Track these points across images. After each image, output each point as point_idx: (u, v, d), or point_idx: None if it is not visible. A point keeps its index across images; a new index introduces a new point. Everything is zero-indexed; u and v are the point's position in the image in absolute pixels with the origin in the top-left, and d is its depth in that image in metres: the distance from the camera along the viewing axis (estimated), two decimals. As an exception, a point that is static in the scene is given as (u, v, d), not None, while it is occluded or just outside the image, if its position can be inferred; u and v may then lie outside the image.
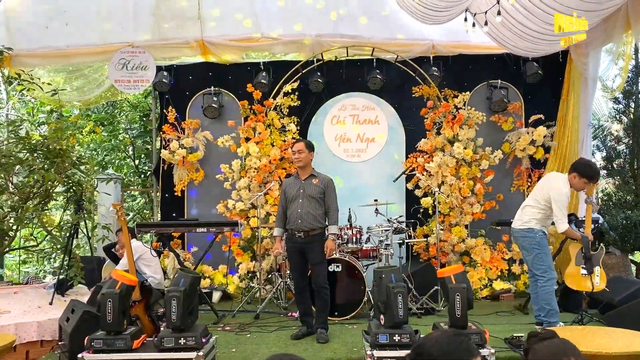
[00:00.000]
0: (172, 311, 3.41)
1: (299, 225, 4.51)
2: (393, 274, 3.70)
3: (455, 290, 3.55)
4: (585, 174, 4.45)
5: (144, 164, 9.61)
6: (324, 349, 4.16)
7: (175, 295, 3.40)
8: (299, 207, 4.55)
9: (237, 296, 6.49)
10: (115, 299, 3.50)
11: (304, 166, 4.67)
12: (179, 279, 3.49)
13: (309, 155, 4.66)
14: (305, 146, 4.65)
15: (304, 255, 4.58)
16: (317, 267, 4.53)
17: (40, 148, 5.09)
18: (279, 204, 4.84)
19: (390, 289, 3.59)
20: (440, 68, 7.04)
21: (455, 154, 6.41)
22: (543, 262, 4.50)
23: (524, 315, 5.41)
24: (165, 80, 7.10)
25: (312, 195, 4.56)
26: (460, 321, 3.54)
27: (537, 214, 4.57)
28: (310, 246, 4.52)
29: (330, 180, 4.69)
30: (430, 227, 6.57)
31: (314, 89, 7.07)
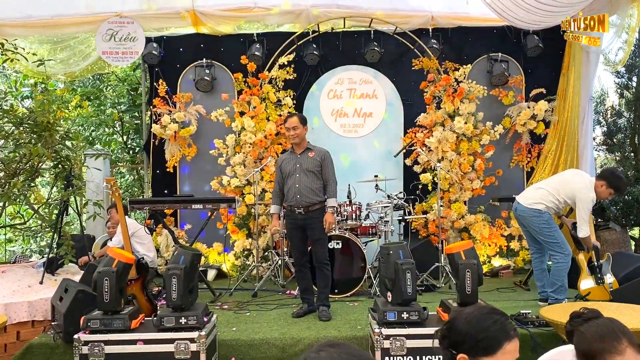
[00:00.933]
0: (172, 290, 3.26)
1: (298, 201, 4.37)
2: (401, 251, 3.58)
3: (466, 267, 3.45)
4: (613, 185, 4.43)
5: (132, 140, 9.35)
6: (327, 327, 4.05)
7: (176, 273, 3.25)
8: (297, 182, 4.40)
9: (233, 274, 6.36)
10: (112, 277, 3.34)
11: (299, 142, 4.52)
12: (179, 257, 3.33)
13: (303, 130, 4.51)
14: (299, 121, 4.48)
15: (304, 232, 4.44)
16: (318, 244, 4.42)
17: (27, 121, 4.84)
18: (274, 180, 4.70)
19: (398, 266, 3.47)
20: (439, 40, 6.85)
21: (456, 128, 6.27)
22: (556, 238, 4.45)
23: (525, 292, 5.36)
24: (155, 52, 6.83)
25: (309, 169, 4.42)
26: (470, 298, 3.44)
27: (550, 202, 4.50)
28: (311, 222, 4.39)
29: (327, 153, 4.54)
30: (429, 204, 6.46)
31: (310, 61, 6.85)
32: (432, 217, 6.33)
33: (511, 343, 1.55)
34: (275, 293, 5.40)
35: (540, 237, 4.56)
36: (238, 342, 3.81)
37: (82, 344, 3.30)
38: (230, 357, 3.77)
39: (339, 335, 3.85)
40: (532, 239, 4.73)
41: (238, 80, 6.66)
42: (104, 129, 9.04)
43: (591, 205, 4.44)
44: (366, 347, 3.77)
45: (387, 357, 3.30)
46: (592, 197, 4.41)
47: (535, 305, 4.53)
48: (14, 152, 4.91)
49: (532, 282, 5.56)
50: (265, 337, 3.84)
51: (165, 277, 3.26)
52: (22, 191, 4.90)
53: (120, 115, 8.83)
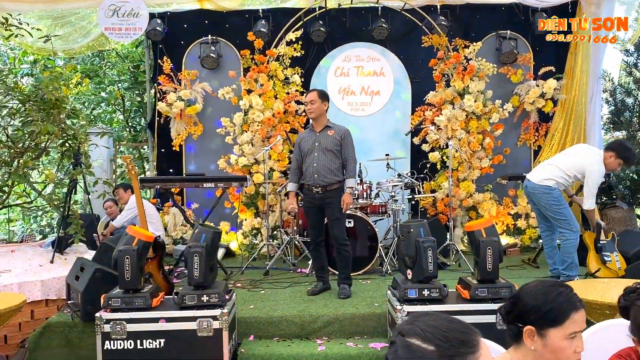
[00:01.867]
0: (194, 267, 3.24)
1: (316, 180, 4.29)
2: (422, 228, 3.57)
3: (487, 244, 3.44)
4: (622, 156, 4.45)
5: (132, 118, 9.24)
6: (345, 304, 4.06)
7: (198, 251, 3.22)
8: (315, 161, 4.32)
9: (241, 253, 6.35)
10: (133, 255, 3.32)
11: (317, 117, 4.39)
12: (200, 235, 3.31)
13: (322, 106, 4.35)
14: (318, 95, 4.34)
15: (322, 211, 4.39)
16: (336, 223, 4.35)
17: (34, 98, 4.74)
18: (292, 158, 4.61)
19: (420, 244, 3.46)
20: (447, 17, 6.77)
21: (466, 107, 6.23)
22: (565, 216, 4.47)
23: (534, 269, 5.39)
24: (159, 28, 6.71)
25: (328, 148, 4.32)
26: (491, 275, 3.45)
27: (560, 178, 4.51)
28: (329, 201, 4.31)
29: (347, 131, 4.43)
30: (438, 182, 6.46)
31: (316, 38, 6.76)
32: (441, 196, 6.33)
33: (578, 313, 1.57)
34: (287, 271, 5.41)
35: (549, 213, 4.59)
36: (257, 320, 3.81)
37: (104, 322, 3.28)
38: (249, 334, 3.78)
39: (357, 313, 3.86)
40: (542, 216, 4.75)
41: (245, 57, 6.56)
42: (105, 107, 8.91)
43: (600, 179, 4.46)
44: (384, 324, 3.79)
45: (409, 333, 3.32)
46: (602, 170, 4.43)
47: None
48: (21, 129, 4.82)
49: (541, 260, 5.61)
50: (284, 314, 3.85)
51: (187, 255, 3.24)
52: (26, 170, 4.83)
53: (121, 93, 8.70)
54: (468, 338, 1.11)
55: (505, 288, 3.43)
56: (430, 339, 1.09)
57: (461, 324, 1.13)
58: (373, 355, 3.50)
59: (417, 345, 1.10)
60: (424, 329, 1.11)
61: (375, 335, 3.81)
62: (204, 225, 3.69)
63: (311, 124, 4.51)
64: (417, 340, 1.10)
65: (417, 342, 1.10)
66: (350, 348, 3.57)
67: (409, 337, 1.11)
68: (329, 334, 3.80)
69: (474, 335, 1.13)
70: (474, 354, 1.09)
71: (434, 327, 1.11)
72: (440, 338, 1.09)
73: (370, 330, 3.82)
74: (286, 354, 3.52)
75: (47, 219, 8.90)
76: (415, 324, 1.13)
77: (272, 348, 3.60)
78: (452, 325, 1.12)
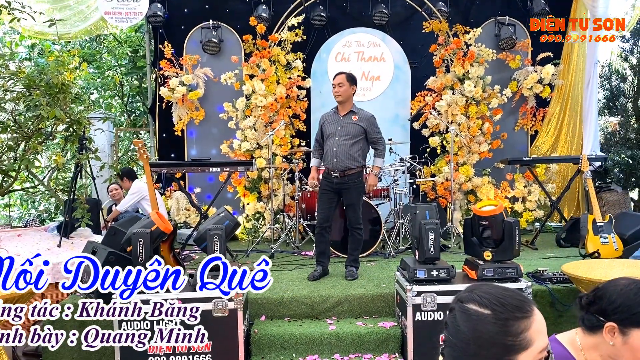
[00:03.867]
0: (214, 249, 3.33)
1: (335, 164, 4.30)
2: (428, 211, 3.67)
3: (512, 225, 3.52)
4: None
5: (131, 103, 9.21)
6: (353, 285, 4.16)
7: (217, 233, 3.30)
8: (335, 145, 4.31)
9: (243, 237, 6.43)
10: (147, 238, 3.39)
11: (343, 101, 4.34)
12: (224, 219, 3.42)
13: (349, 89, 4.29)
14: (346, 79, 4.28)
15: (337, 196, 4.41)
16: (351, 208, 4.39)
17: (40, 83, 4.74)
18: (315, 137, 4.60)
19: (422, 225, 3.56)
20: (447, 3, 6.82)
21: (466, 92, 6.32)
22: None
23: (533, 251, 5.53)
24: (160, 12, 6.68)
25: (350, 134, 4.30)
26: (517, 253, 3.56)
27: None
28: (347, 186, 4.33)
29: (372, 117, 4.40)
30: (437, 167, 6.56)
31: (317, 23, 6.79)
32: (441, 180, 6.44)
33: None
34: (291, 254, 5.50)
35: None
36: (268, 301, 3.90)
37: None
38: (260, 315, 3.87)
39: (366, 293, 3.97)
40: None
41: (247, 42, 6.57)
42: (104, 92, 8.88)
43: None
44: (392, 304, 3.91)
45: (419, 312, 3.43)
46: None
47: (548, 264, 4.70)
48: (24, 114, 4.82)
49: (539, 242, 5.77)
50: (294, 295, 3.94)
51: (208, 236, 3.31)
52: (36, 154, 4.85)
53: (121, 79, 8.67)
54: (522, 305, 1.19)
55: (511, 268, 3.55)
56: (487, 304, 1.18)
57: (516, 293, 1.22)
58: (383, 334, 3.62)
59: (474, 310, 1.19)
60: (480, 295, 1.20)
61: (383, 314, 3.92)
62: (228, 212, 3.76)
63: (336, 107, 4.46)
64: (474, 305, 1.20)
65: (474, 307, 1.19)
66: (360, 327, 3.69)
67: (467, 303, 1.21)
68: (338, 314, 3.91)
69: (528, 303, 1.21)
70: (528, 319, 1.17)
71: (490, 294, 1.20)
72: (495, 303, 1.18)
73: (379, 309, 3.94)
74: (298, 333, 3.62)
75: (45, 204, 8.90)
76: (473, 292, 1.22)
77: (283, 328, 3.70)
78: (507, 293, 1.21)
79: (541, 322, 1.19)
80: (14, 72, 5.04)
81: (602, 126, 7.20)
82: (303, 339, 3.59)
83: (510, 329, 1.16)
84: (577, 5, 6.92)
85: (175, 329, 3.19)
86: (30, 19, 5.89)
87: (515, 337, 1.15)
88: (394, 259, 5.21)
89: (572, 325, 1.81)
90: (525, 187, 6.62)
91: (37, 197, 6.50)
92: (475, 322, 1.17)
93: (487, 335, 1.16)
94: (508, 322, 1.16)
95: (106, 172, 5.18)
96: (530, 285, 3.49)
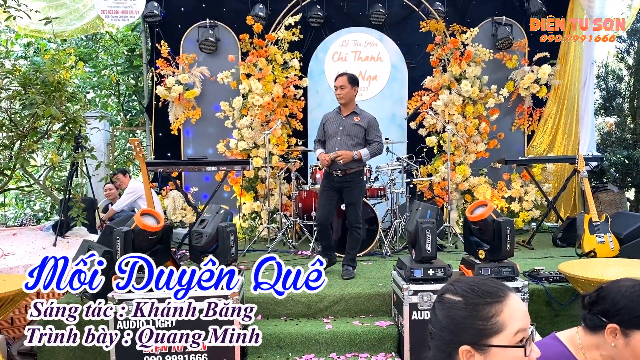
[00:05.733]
0: (230, 245, 3.36)
1: (336, 164, 4.30)
2: (429, 210, 3.67)
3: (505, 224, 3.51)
4: None
5: (127, 102, 9.18)
6: (350, 285, 4.16)
7: (234, 230, 3.35)
8: (336, 145, 4.33)
9: (240, 236, 6.40)
10: (122, 237, 3.39)
11: (346, 103, 4.37)
12: (226, 215, 3.42)
13: (351, 91, 4.31)
14: (348, 80, 4.30)
15: (338, 195, 4.43)
16: (352, 207, 4.40)
17: (35, 81, 4.72)
18: (316, 135, 4.61)
19: (418, 224, 3.55)
20: (444, 3, 6.83)
21: (463, 92, 6.32)
22: None
23: (530, 251, 5.53)
24: (156, 11, 6.67)
25: (351, 134, 4.32)
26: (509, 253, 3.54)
27: None
28: (348, 185, 4.35)
29: (374, 119, 4.41)
30: (434, 167, 6.56)
31: (314, 23, 6.79)
32: (437, 180, 6.44)
33: None
34: (288, 254, 5.49)
35: None
36: (264, 300, 3.88)
37: (116, 302, 3.33)
38: (257, 314, 3.86)
39: (362, 292, 3.96)
40: None
41: (244, 41, 6.55)
42: (100, 91, 8.85)
43: None
44: (389, 303, 3.90)
45: (415, 311, 3.42)
46: None
47: (544, 264, 4.70)
48: (19, 112, 4.80)
49: (536, 242, 5.77)
50: (290, 294, 3.90)
51: (221, 232, 3.33)
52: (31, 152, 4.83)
53: (117, 77, 8.64)
54: (494, 290, 1.23)
55: (507, 267, 3.54)
56: (458, 291, 1.25)
57: (492, 281, 1.26)
58: (379, 333, 3.61)
59: (447, 298, 1.26)
60: (455, 284, 1.27)
61: (380, 314, 3.91)
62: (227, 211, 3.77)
63: (339, 107, 4.47)
64: (449, 294, 1.26)
65: (448, 295, 1.26)
66: (357, 326, 3.67)
67: (443, 294, 1.28)
68: (335, 313, 3.89)
69: (502, 289, 1.24)
70: (499, 303, 1.20)
71: (464, 283, 1.26)
72: (466, 289, 1.24)
73: (375, 309, 3.93)
74: (295, 332, 3.61)
75: (40, 203, 8.87)
76: (451, 283, 1.29)
77: (280, 327, 3.69)
78: (482, 281, 1.26)
79: (516, 307, 1.21)
80: (10, 70, 5.02)
81: (599, 126, 7.21)
82: (299, 338, 3.58)
83: (480, 313, 1.19)
84: (574, 6, 6.93)
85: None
86: (27, 17, 5.88)
87: (486, 320, 1.19)
88: (391, 258, 5.21)
89: (568, 324, 1.81)
90: (521, 187, 6.62)
91: (32, 196, 6.44)
92: (448, 309, 1.24)
93: (459, 320, 1.21)
94: (478, 307, 1.20)
95: (102, 170, 5.14)
96: (526, 285, 3.48)
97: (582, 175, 5.19)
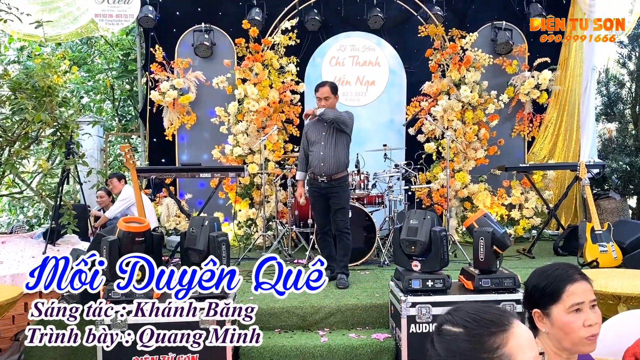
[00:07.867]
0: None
1: (322, 168, 4.32)
2: (437, 218, 3.57)
3: (479, 235, 3.41)
4: None
5: (122, 107, 9.08)
6: (345, 295, 4.05)
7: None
8: (321, 150, 4.35)
9: (235, 244, 6.29)
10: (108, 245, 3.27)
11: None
12: (213, 224, 3.33)
13: (334, 100, 4.39)
14: (331, 91, 4.36)
15: (327, 200, 4.41)
16: (339, 212, 4.38)
17: (25, 86, 4.61)
18: (300, 147, 4.63)
19: (437, 233, 3.42)
20: (443, 7, 6.74)
21: (462, 97, 6.22)
22: None
23: (530, 259, 5.42)
24: (151, 15, 6.58)
25: (334, 138, 4.35)
26: (483, 265, 3.42)
27: None
28: (334, 191, 4.35)
29: (349, 112, 4.48)
30: (433, 173, 6.46)
31: (311, 27, 6.70)
32: (436, 187, 6.33)
33: (575, 284, 1.56)
34: (284, 262, 5.36)
35: None
36: (258, 311, 3.70)
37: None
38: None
39: (359, 303, 3.85)
40: None
41: (240, 45, 6.45)
42: (94, 96, 8.74)
43: None
44: (386, 315, 3.78)
45: (413, 324, 3.31)
46: None
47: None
48: (10, 117, 4.69)
49: (536, 250, 5.66)
50: (285, 305, 3.81)
51: (212, 242, 3.24)
52: (17, 160, 4.71)
53: (111, 82, 8.54)
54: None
55: (508, 279, 3.43)
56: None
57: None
58: (376, 346, 3.49)
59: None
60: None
61: (377, 326, 3.80)
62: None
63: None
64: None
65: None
66: (353, 339, 3.56)
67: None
68: (330, 325, 3.78)
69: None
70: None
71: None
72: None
73: (372, 321, 3.82)
74: (289, 345, 3.50)
75: (34, 209, 8.74)
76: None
77: (274, 340, 3.58)
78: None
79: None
80: (0, 75, 4.92)
81: (600, 133, 7.12)
82: (294, 351, 3.47)
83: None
84: (575, 10, 6.84)
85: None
86: (19, 21, 5.78)
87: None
88: (389, 267, 5.09)
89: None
90: (522, 194, 6.52)
91: (25, 202, 6.32)
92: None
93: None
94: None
95: (94, 177, 5.03)
96: (527, 296, 3.37)
97: (584, 182, 5.10)
